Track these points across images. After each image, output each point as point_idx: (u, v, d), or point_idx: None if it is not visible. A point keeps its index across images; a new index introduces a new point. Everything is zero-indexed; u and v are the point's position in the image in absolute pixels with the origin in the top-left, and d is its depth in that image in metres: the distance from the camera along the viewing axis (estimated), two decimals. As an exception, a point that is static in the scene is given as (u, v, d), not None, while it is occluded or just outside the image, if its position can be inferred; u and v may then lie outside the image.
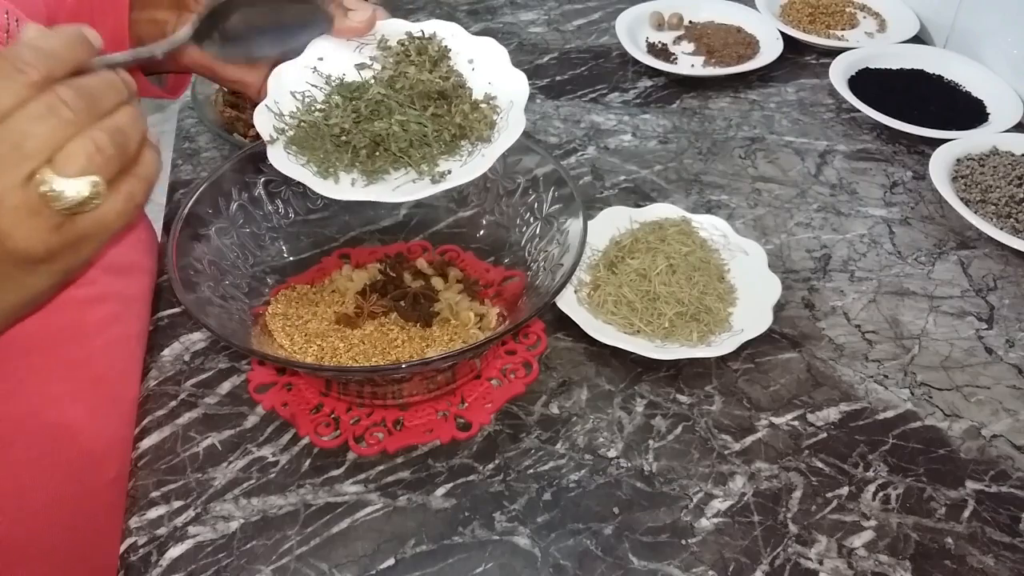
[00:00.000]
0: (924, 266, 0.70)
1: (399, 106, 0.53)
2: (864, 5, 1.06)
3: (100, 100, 0.39)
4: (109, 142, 0.38)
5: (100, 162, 0.38)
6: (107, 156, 0.38)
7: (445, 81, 0.54)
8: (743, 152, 0.83)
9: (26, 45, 0.37)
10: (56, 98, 0.37)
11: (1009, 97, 0.87)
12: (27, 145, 0.37)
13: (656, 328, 0.61)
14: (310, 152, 0.53)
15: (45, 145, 0.37)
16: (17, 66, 0.36)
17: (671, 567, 0.49)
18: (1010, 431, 0.57)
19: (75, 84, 0.38)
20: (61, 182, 0.38)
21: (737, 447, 0.56)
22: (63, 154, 0.37)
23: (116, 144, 0.39)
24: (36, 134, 0.37)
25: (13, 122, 0.37)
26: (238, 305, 0.58)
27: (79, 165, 0.38)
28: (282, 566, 0.49)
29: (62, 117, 0.37)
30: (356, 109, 0.53)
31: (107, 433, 0.59)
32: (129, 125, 0.39)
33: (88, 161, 0.38)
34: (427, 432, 0.56)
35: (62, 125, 0.37)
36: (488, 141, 0.54)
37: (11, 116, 0.36)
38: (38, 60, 0.37)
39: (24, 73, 0.36)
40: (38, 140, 0.37)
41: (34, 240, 0.38)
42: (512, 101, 0.55)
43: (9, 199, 0.37)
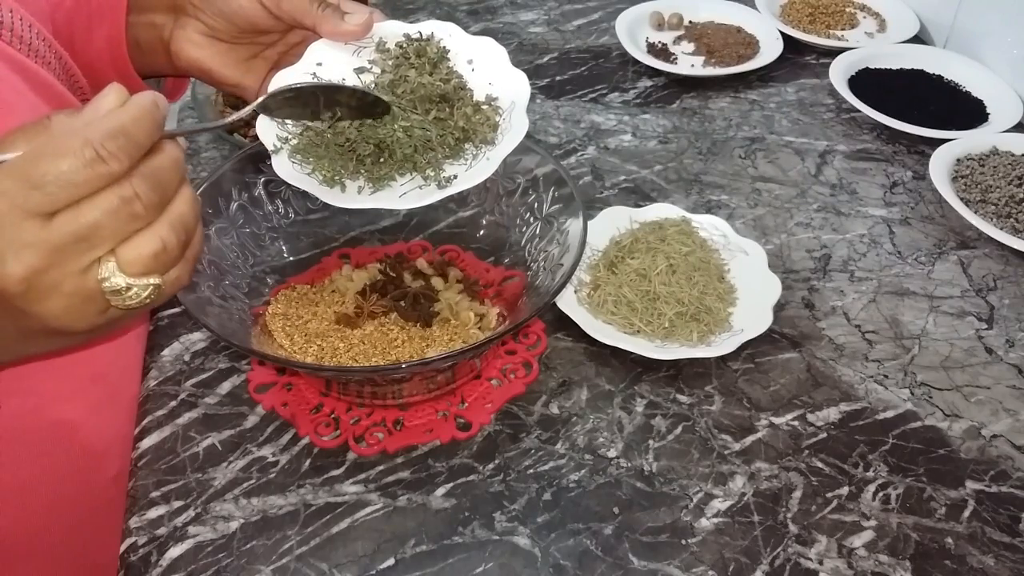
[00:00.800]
0: (924, 266, 0.70)
1: (402, 111, 0.53)
2: (864, 5, 1.06)
3: (168, 188, 0.38)
4: (174, 240, 0.38)
5: (164, 261, 0.38)
6: (170, 256, 0.39)
7: (446, 83, 0.54)
8: (743, 152, 0.83)
9: (110, 128, 0.36)
10: (132, 192, 0.36)
11: (1009, 97, 0.87)
12: (95, 237, 0.36)
13: (656, 328, 0.61)
14: (315, 160, 0.53)
15: (112, 237, 0.37)
16: (101, 153, 0.35)
17: (671, 567, 0.49)
18: (1010, 431, 0.57)
19: (148, 174, 0.37)
20: (124, 280, 0.38)
21: (737, 447, 0.56)
22: (130, 252, 0.37)
23: (179, 240, 0.39)
24: (105, 226, 0.36)
25: (84, 211, 0.36)
26: (238, 305, 0.58)
27: (145, 265, 0.38)
28: (282, 566, 0.49)
29: (134, 212, 0.37)
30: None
31: (107, 431, 0.59)
32: (190, 214, 0.39)
33: (154, 260, 0.38)
34: (427, 432, 0.56)
35: (132, 220, 0.37)
36: (492, 143, 0.53)
37: (82, 204, 0.36)
38: (122, 151, 0.36)
39: (106, 164, 0.35)
40: (106, 232, 0.37)
41: (81, 324, 0.39)
42: (514, 102, 0.54)
43: (67, 285, 0.37)
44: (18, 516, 0.57)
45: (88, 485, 0.59)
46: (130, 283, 0.38)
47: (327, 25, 0.54)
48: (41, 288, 0.37)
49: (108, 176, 0.36)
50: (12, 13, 0.52)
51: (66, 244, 0.36)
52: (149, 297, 0.39)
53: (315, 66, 0.56)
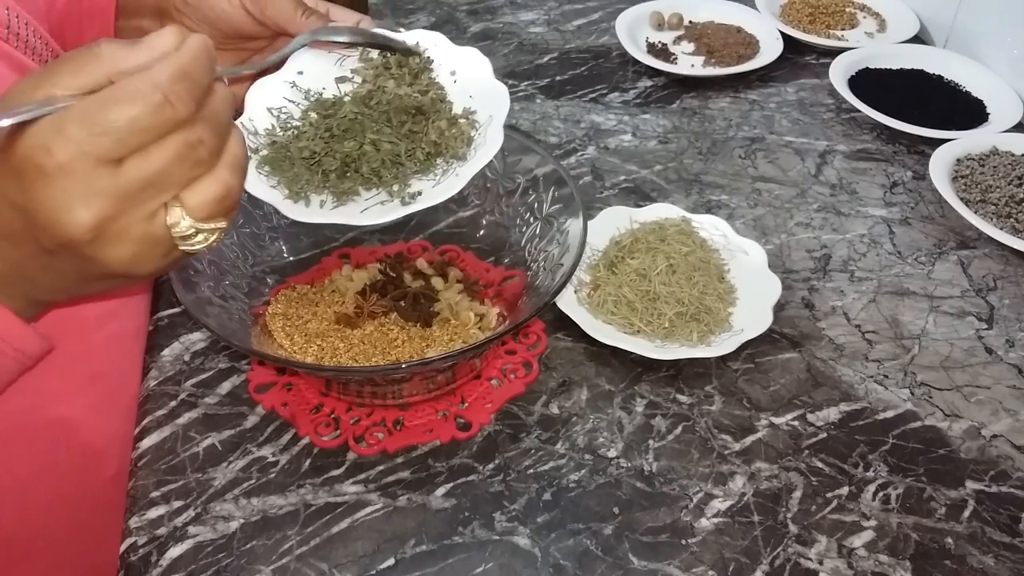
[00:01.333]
0: (924, 266, 0.70)
1: (373, 124, 0.52)
2: (864, 5, 1.06)
3: (227, 130, 0.38)
4: (236, 183, 0.39)
5: (228, 205, 0.39)
6: (233, 199, 0.39)
7: (423, 95, 0.53)
8: (743, 152, 0.83)
9: (173, 72, 0.35)
10: (197, 137, 0.36)
11: (1009, 97, 0.87)
12: (163, 182, 0.36)
13: (656, 328, 0.61)
14: (280, 173, 0.52)
15: (179, 183, 0.37)
16: (170, 97, 0.35)
17: (671, 567, 0.49)
18: (1010, 431, 0.57)
19: (210, 117, 0.37)
20: (192, 225, 0.38)
21: (737, 447, 0.56)
22: (196, 197, 0.37)
23: (239, 182, 0.39)
24: (173, 172, 0.36)
25: (154, 157, 0.36)
26: (238, 305, 0.58)
27: (211, 209, 0.38)
28: (282, 566, 0.49)
29: (199, 157, 0.37)
30: (328, 128, 0.52)
31: (106, 430, 0.59)
32: (243, 155, 0.39)
33: (218, 205, 0.38)
34: (427, 432, 0.56)
35: (197, 165, 0.37)
36: (463, 159, 0.52)
37: (151, 149, 0.36)
38: (189, 94, 0.36)
39: (174, 108, 0.35)
40: (174, 178, 0.37)
41: (146, 267, 0.39)
42: (492, 116, 0.53)
43: (135, 231, 0.37)
44: (17, 515, 0.57)
45: (87, 484, 0.59)
46: (198, 227, 0.38)
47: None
48: (110, 235, 0.36)
49: (175, 121, 0.35)
50: (9, 11, 0.52)
51: (135, 191, 0.36)
52: (216, 240, 0.39)
53: (296, 75, 0.55)
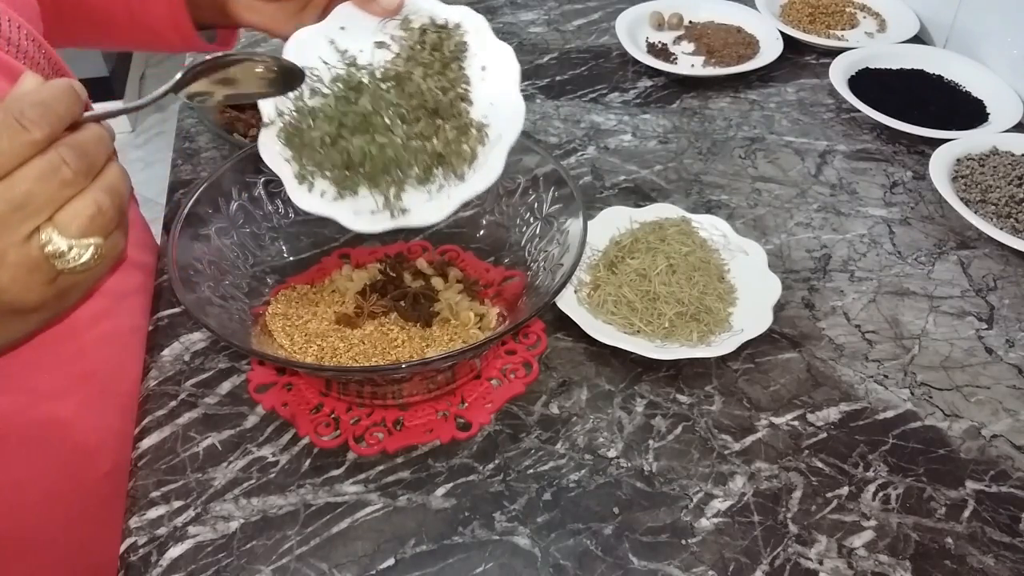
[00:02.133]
0: (924, 266, 0.70)
1: (387, 121, 0.52)
2: (864, 5, 1.06)
3: (96, 158, 0.39)
4: (109, 203, 0.39)
5: (101, 223, 0.39)
6: (107, 217, 0.39)
7: (445, 93, 0.53)
8: (743, 152, 0.83)
9: (29, 101, 0.37)
10: (58, 157, 0.37)
11: (1009, 97, 0.87)
12: (30, 205, 0.37)
13: (656, 328, 0.61)
14: (293, 150, 0.52)
15: (47, 204, 0.38)
16: (22, 123, 0.36)
17: (671, 567, 0.49)
18: (1010, 431, 0.57)
19: (74, 143, 0.38)
20: (65, 243, 0.39)
21: (737, 447, 0.56)
22: (67, 215, 0.38)
23: (113, 204, 0.40)
24: (39, 193, 0.37)
25: (16, 181, 0.37)
26: (238, 305, 0.58)
27: (83, 227, 0.39)
28: (282, 566, 0.49)
29: (64, 178, 0.38)
30: (343, 117, 0.52)
31: (100, 427, 0.59)
32: (120, 182, 0.40)
33: (91, 223, 0.39)
34: (427, 432, 0.56)
35: (64, 185, 0.38)
36: (461, 178, 0.53)
37: (14, 174, 0.37)
38: (42, 119, 0.37)
39: (28, 132, 0.36)
40: (41, 199, 0.37)
41: (31, 294, 0.39)
42: (501, 135, 0.53)
43: (11, 255, 0.38)
44: (10, 513, 0.57)
45: (81, 482, 0.59)
46: (71, 244, 0.39)
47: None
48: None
49: (32, 144, 0.37)
50: (11, 23, 0.52)
51: (3, 214, 0.37)
52: (92, 258, 0.40)
53: (338, 30, 0.55)
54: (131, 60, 2.57)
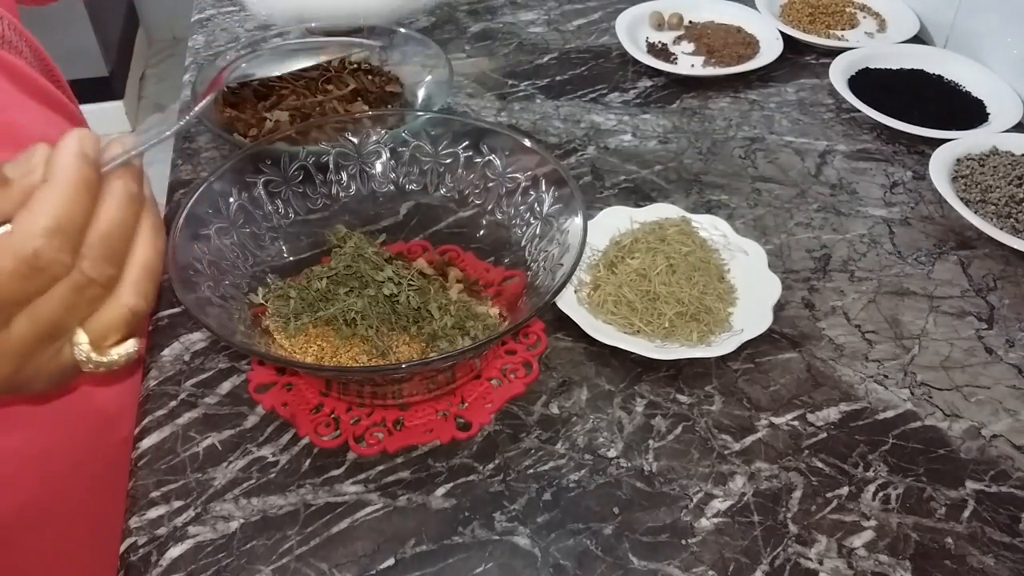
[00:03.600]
0: (924, 266, 0.70)
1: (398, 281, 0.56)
2: (864, 5, 1.06)
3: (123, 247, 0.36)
4: (143, 303, 0.37)
5: (136, 325, 0.38)
6: (142, 315, 0.38)
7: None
8: (743, 152, 0.83)
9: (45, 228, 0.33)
10: (84, 279, 0.35)
11: (1009, 97, 0.87)
12: (58, 330, 0.36)
13: (656, 328, 0.61)
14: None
15: (75, 322, 0.36)
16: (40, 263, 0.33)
17: (671, 567, 0.49)
18: (1010, 431, 0.57)
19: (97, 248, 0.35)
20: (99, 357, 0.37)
21: (737, 447, 0.56)
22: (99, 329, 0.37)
23: (147, 299, 0.38)
24: (66, 318, 0.36)
25: (40, 311, 0.35)
26: (238, 305, 0.58)
27: (117, 335, 0.37)
28: (282, 566, 0.49)
29: (92, 295, 0.36)
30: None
31: (120, 393, 0.62)
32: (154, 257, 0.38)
33: (126, 328, 0.37)
34: (427, 432, 0.56)
35: (92, 300, 0.36)
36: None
37: (37, 304, 0.35)
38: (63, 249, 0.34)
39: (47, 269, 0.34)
40: (68, 323, 0.36)
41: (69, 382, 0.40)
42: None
43: (44, 369, 0.37)
44: (40, 482, 0.59)
45: (102, 449, 0.62)
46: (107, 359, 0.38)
47: None
48: (20, 383, 0.37)
49: (54, 278, 0.34)
50: (3, 21, 0.52)
51: (30, 345, 0.36)
52: (126, 359, 0.38)
53: None
54: (131, 60, 2.57)
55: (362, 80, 0.82)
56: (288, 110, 0.78)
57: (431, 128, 0.66)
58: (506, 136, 0.65)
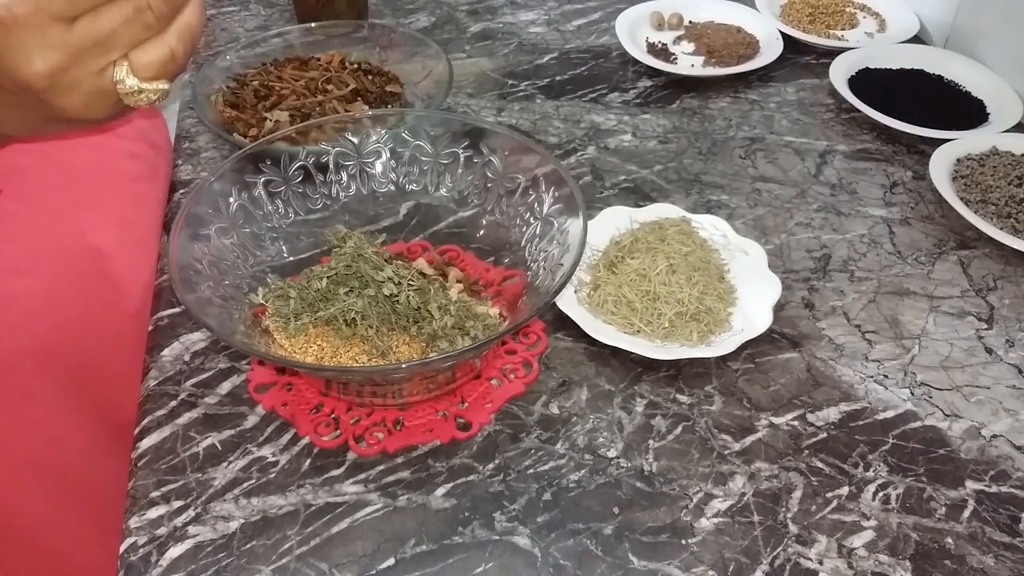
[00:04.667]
0: (924, 266, 0.70)
1: (399, 280, 0.56)
2: (864, 5, 1.06)
3: (181, 3, 0.42)
4: (182, 50, 0.42)
5: (172, 68, 0.43)
6: (178, 64, 0.43)
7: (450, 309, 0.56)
8: (743, 152, 0.83)
9: None
10: (145, 2, 0.40)
11: (1009, 97, 0.87)
12: (110, 43, 0.40)
13: (656, 328, 0.61)
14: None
15: (126, 44, 0.41)
16: None
17: (671, 567, 0.49)
18: (1010, 431, 0.57)
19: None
20: (136, 83, 0.42)
21: (737, 447, 0.56)
22: (142, 59, 0.42)
23: (185, 50, 0.43)
24: (121, 34, 0.40)
25: (101, 19, 0.40)
26: (238, 305, 0.58)
27: (155, 71, 0.42)
28: (282, 566, 0.49)
29: (146, 22, 0.41)
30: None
31: (131, 267, 0.66)
32: (197, 24, 0.43)
33: (163, 68, 0.42)
34: (427, 432, 0.56)
35: (145, 28, 0.41)
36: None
37: (100, 11, 0.39)
38: None
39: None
40: (121, 39, 0.41)
41: (97, 115, 0.43)
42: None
43: (85, 83, 0.41)
44: (53, 331, 0.63)
45: (114, 315, 0.66)
46: (142, 87, 0.42)
47: None
48: (63, 85, 0.41)
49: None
50: None
51: (85, 47, 0.40)
52: (158, 99, 0.43)
53: None
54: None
55: (362, 80, 0.82)
56: (288, 110, 0.78)
57: (431, 128, 0.66)
58: (506, 136, 0.65)
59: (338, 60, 0.85)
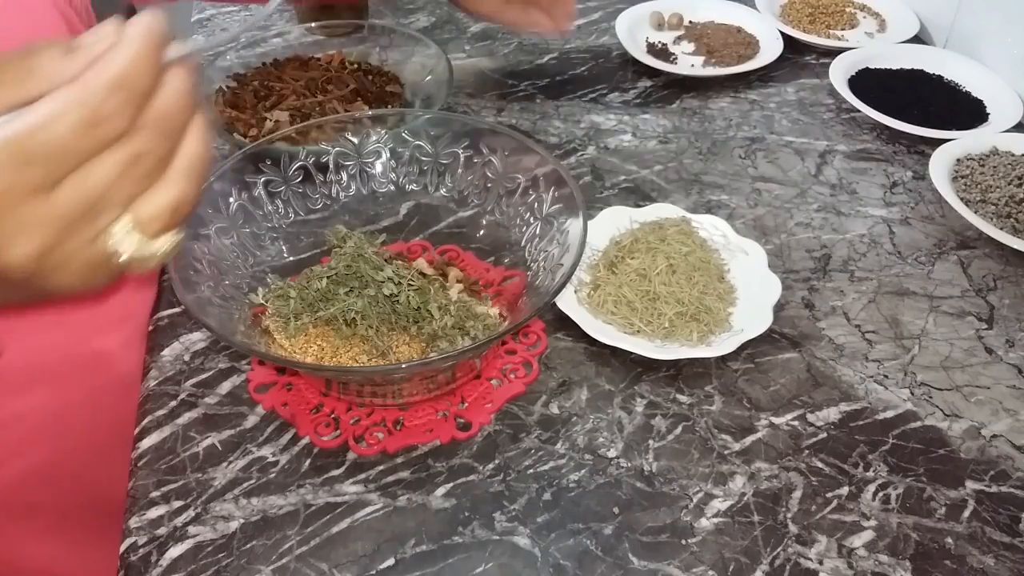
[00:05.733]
0: (924, 266, 0.70)
1: (399, 280, 0.56)
2: (864, 5, 1.06)
3: (177, 131, 0.35)
4: (192, 189, 0.35)
5: (184, 212, 0.35)
6: (190, 204, 0.36)
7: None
8: (743, 152, 0.83)
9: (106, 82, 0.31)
10: (138, 149, 0.33)
11: (1009, 97, 0.87)
12: (104, 202, 0.33)
13: (656, 328, 0.61)
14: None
15: (124, 200, 0.34)
16: (99, 115, 0.31)
17: (671, 567, 0.49)
18: (1010, 431, 0.57)
19: (157, 119, 0.33)
20: (141, 247, 0.35)
21: (737, 447, 0.56)
22: (146, 211, 0.34)
23: (196, 188, 0.35)
24: (116, 191, 0.33)
25: (90, 177, 0.33)
26: (238, 305, 0.58)
27: (163, 223, 0.35)
28: (282, 566, 0.49)
29: (143, 171, 0.34)
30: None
31: (135, 363, 0.63)
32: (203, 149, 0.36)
33: (172, 217, 0.35)
34: (427, 432, 0.56)
35: (144, 177, 0.34)
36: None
37: (87, 168, 0.33)
38: (122, 108, 0.32)
39: (104, 124, 0.32)
40: (116, 198, 0.34)
41: (94, 286, 0.36)
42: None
43: (79, 256, 0.34)
44: (54, 439, 0.62)
45: (117, 412, 0.63)
46: (148, 245, 0.35)
47: None
48: (52, 263, 0.34)
49: (109, 139, 0.32)
50: None
51: (74, 216, 0.33)
52: (166, 254, 0.36)
53: None
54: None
55: (362, 80, 0.82)
56: (288, 110, 0.78)
57: (431, 128, 0.67)
58: (506, 136, 0.65)
59: (338, 60, 0.85)
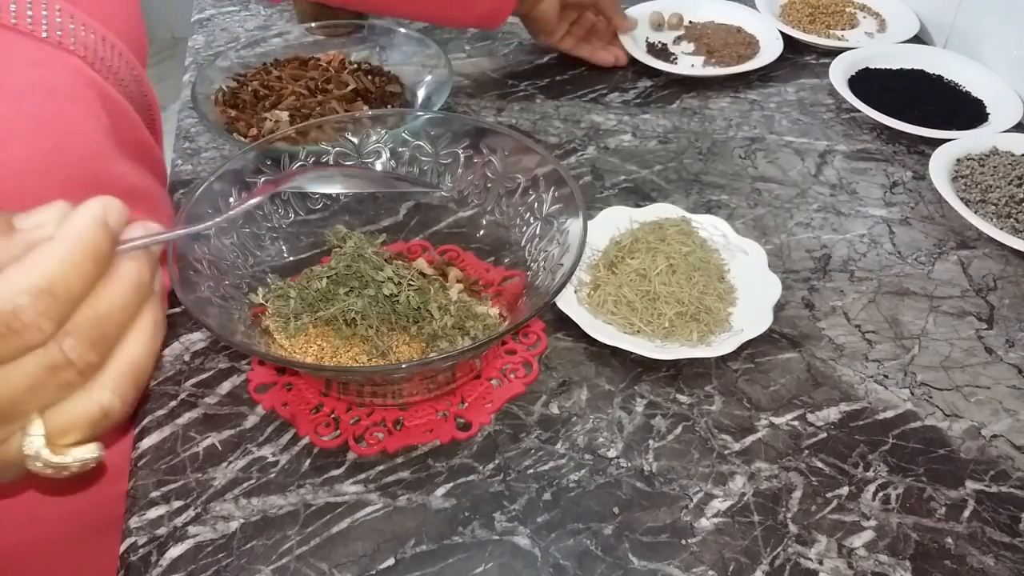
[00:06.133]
0: (924, 266, 0.70)
1: (398, 280, 0.56)
2: (864, 5, 1.06)
3: (113, 337, 0.31)
4: (119, 401, 0.32)
5: (103, 428, 0.32)
6: (111, 420, 0.32)
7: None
8: (743, 152, 0.83)
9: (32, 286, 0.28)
10: (61, 358, 0.30)
11: (1009, 97, 0.87)
12: (14, 410, 0.30)
13: (656, 328, 0.61)
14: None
15: (36, 406, 0.31)
16: (16, 324, 0.28)
17: (671, 567, 0.49)
18: (1010, 431, 0.57)
19: (85, 328, 0.30)
20: (53, 457, 0.31)
21: (737, 447, 0.56)
22: (61, 422, 0.31)
23: (126, 397, 0.32)
24: (28, 401, 0.30)
25: (4, 381, 0.29)
26: (238, 305, 0.58)
27: (78, 436, 0.32)
28: (282, 566, 0.49)
29: (63, 381, 0.30)
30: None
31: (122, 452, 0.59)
32: (145, 355, 0.32)
33: (90, 430, 0.32)
34: (427, 432, 0.56)
35: (63, 387, 0.31)
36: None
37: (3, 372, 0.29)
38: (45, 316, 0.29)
39: (23, 335, 0.29)
40: (29, 404, 0.30)
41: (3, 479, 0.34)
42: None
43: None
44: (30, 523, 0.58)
45: (98, 500, 0.60)
46: (61, 461, 0.31)
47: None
48: None
49: (29, 345, 0.29)
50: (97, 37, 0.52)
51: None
52: (85, 467, 0.33)
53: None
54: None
55: (362, 80, 0.82)
56: (288, 110, 0.78)
57: (431, 128, 0.67)
58: (506, 136, 0.65)
59: (338, 60, 0.85)
